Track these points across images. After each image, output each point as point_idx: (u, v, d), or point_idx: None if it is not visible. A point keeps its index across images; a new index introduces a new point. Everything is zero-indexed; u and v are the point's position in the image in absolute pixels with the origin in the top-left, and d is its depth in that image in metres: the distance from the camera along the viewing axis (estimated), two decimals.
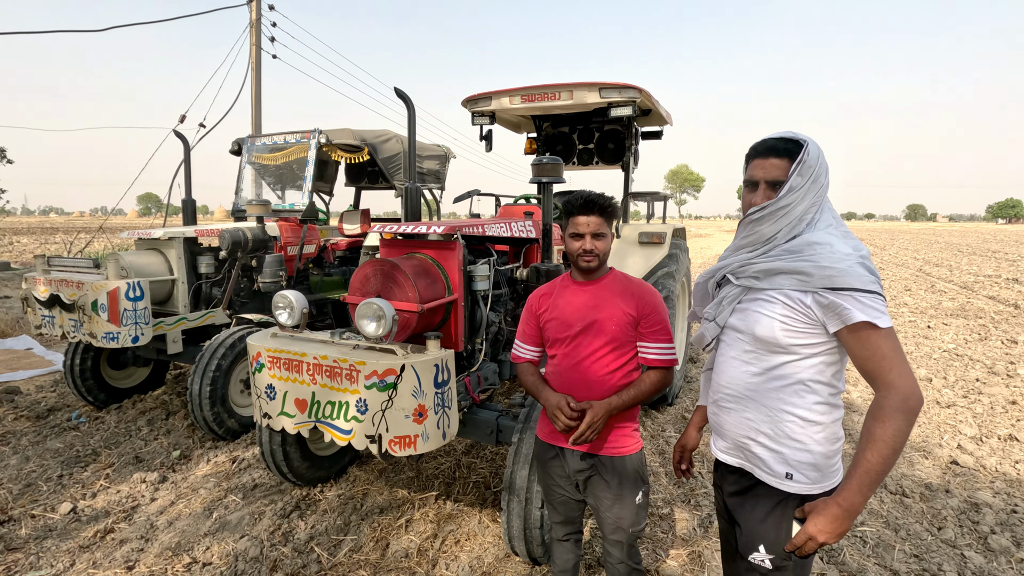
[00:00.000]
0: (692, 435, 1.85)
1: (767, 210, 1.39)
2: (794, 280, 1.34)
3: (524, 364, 1.99)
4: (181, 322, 4.13)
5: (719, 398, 1.53)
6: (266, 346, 2.37)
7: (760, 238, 1.43)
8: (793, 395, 1.38)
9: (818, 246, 1.33)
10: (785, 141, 1.39)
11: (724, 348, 1.53)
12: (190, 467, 3.57)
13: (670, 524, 2.95)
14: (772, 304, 1.37)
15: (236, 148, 5.63)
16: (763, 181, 1.41)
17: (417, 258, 2.80)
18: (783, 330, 1.35)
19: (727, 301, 1.50)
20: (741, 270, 1.46)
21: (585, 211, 1.80)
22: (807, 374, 1.37)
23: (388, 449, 2.15)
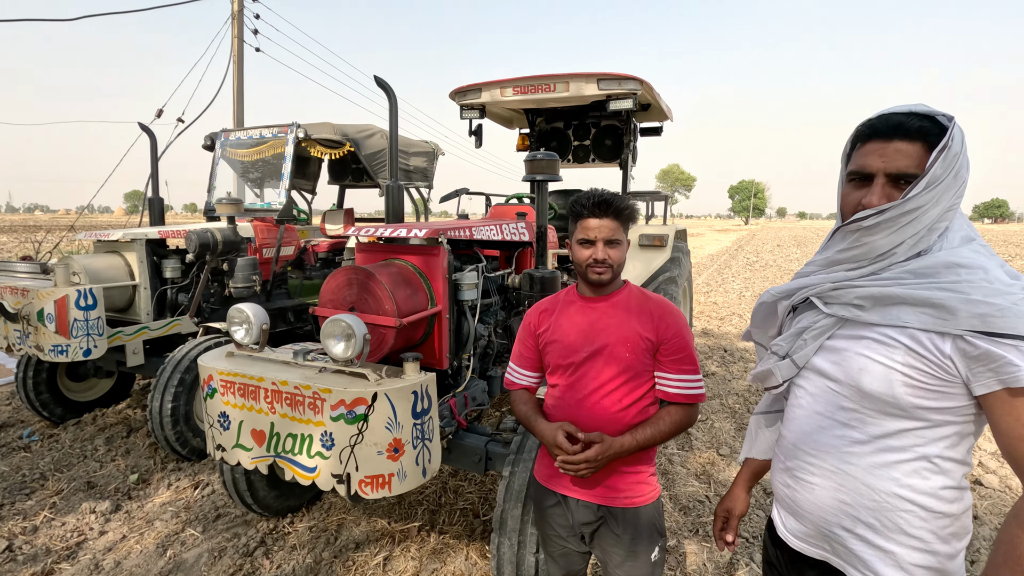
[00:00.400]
0: (740, 497, 1.46)
1: (888, 215, 0.99)
2: (926, 316, 0.96)
3: (518, 392, 1.68)
4: (142, 332, 3.78)
5: (795, 465, 1.15)
6: (218, 368, 2.05)
7: (870, 252, 1.04)
8: (913, 475, 1.00)
9: (963, 270, 0.96)
10: (919, 117, 0.99)
11: (804, 397, 1.15)
12: (148, 493, 3.24)
13: (678, 559, 2.67)
14: (889, 347, 0.99)
15: (209, 143, 5.28)
16: (882, 173, 1.01)
17: (396, 265, 2.49)
18: (906, 386, 0.97)
19: (811, 334, 1.11)
20: (836, 293, 1.08)
21: (597, 213, 1.50)
22: (935, 448, 0.99)
23: (358, 491, 1.84)
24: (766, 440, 1.41)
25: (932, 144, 0.97)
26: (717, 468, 3.62)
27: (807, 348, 1.12)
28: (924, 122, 0.98)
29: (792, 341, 1.15)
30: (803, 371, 1.15)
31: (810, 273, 1.17)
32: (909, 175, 0.98)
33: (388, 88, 3.12)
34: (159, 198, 4.75)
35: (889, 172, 1.00)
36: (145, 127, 4.80)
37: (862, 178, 1.05)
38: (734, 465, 3.65)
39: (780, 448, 1.21)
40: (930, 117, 0.98)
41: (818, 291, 1.11)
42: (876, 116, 1.04)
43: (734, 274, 15.23)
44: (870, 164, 1.02)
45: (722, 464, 3.68)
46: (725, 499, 1.48)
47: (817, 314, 1.12)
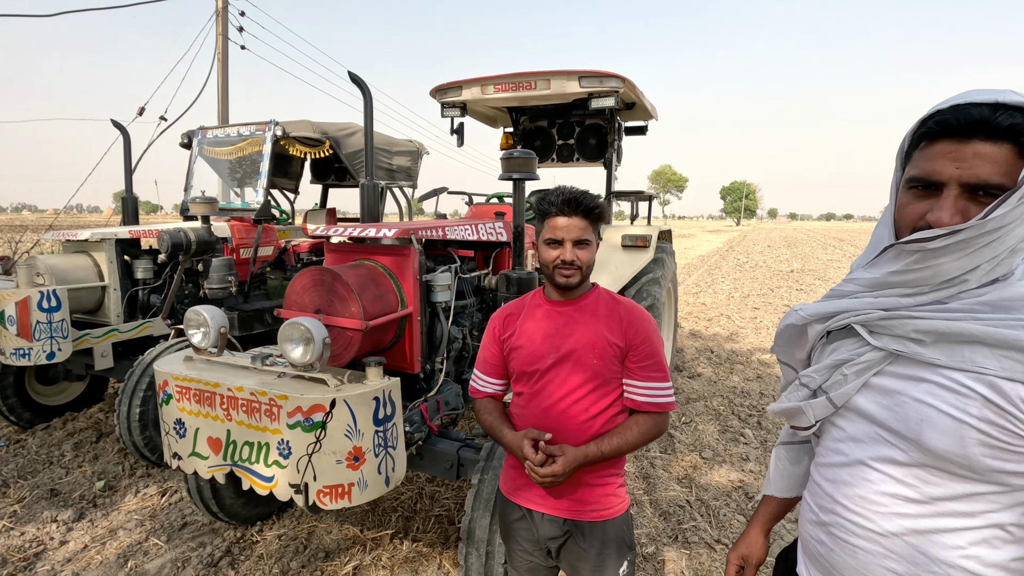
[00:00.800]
0: (758, 542, 1.27)
1: (962, 235, 0.78)
2: (1010, 362, 0.77)
3: (483, 400, 1.61)
4: (111, 334, 3.68)
5: (832, 521, 0.96)
6: (173, 373, 1.96)
7: (934, 278, 0.84)
8: (983, 544, 0.83)
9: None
10: (1008, 111, 0.76)
11: (844, 442, 0.96)
12: (114, 501, 3.14)
13: (656, 567, 2.61)
14: (962, 396, 0.81)
15: (186, 141, 5.17)
16: (956, 182, 0.80)
17: (365, 266, 2.41)
18: (984, 446, 0.79)
19: (854, 369, 0.92)
20: (888, 324, 0.88)
21: (566, 211, 1.42)
22: (1010, 515, 0.82)
23: (316, 501, 1.77)
24: (790, 476, 1.24)
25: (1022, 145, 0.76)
26: (700, 472, 3.57)
27: (847, 385, 0.93)
28: (1015, 117, 0.75)
29: (827, 374, 0.96)
30: (843, 410, 0.97)
31: (851, 294, 0.96)
32: (992, 185, 0.77)
33: (363, 85, 3.05)
34: (133, 197, 4.64)
35: (966, 182, 0.79)
36: (119, 125, 4.69)
37: (927, 186, 0.84)
38: (716, 468, 3.60)
39: (813, 496, 1.02)
40: (1022, 110, 0.76)
41: (864, 318, 0.91)
42: (948, 106, 0.81)
43: (724, 275, 15.24)
44: (940, 171, 0.81)
45: (705, 468, 3.63)
46: (740, 543, 1.28)
47: (861, 345, 0.93)
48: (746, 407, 4.73)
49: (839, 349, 0.96)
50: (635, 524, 2.95)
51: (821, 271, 16.22)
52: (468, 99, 4.04)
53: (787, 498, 1.24)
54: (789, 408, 1.03)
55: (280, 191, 6.18)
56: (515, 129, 5.10)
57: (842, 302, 0.96)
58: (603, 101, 3.73)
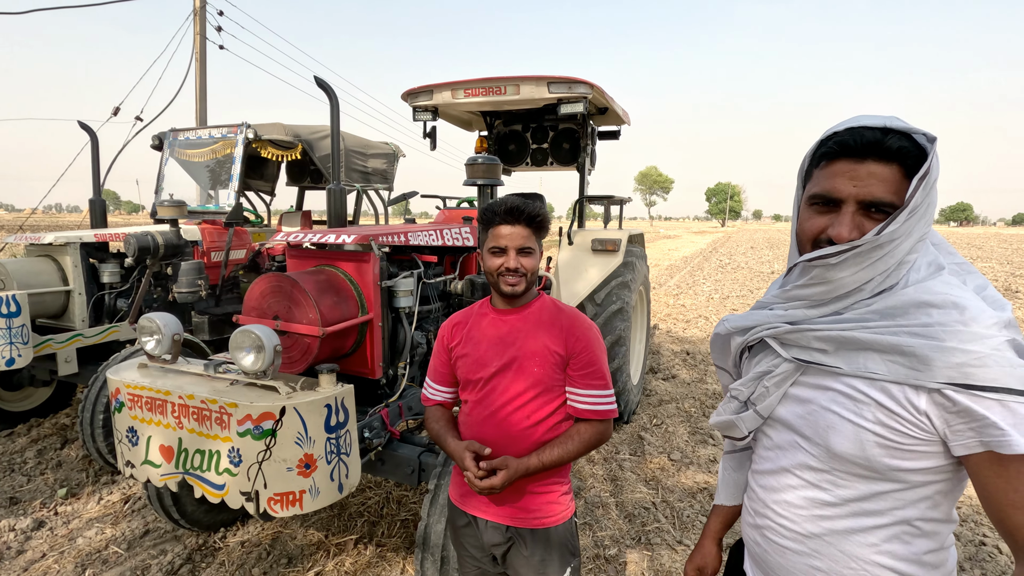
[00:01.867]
0: (712, 552, 1.30)
1: (860, 250, 0.85)
2: (897, 367, 0.83)
3: (432, 408, 1.63)
4: (75, 339, 3.63)
5: (766, 525, 1.03)
6: (125, 381, 1.95)
7: (832, 292, 0.91)
8: (893, 540, 0.88)
9: (935, 310, 0.83)
10: (896, 135, 0.84)
11: (771, 450, 1.03)
12: (76, 509, 3.10)
13: (617, 568, 2.64)
14: (858, 402, 0.87)
15: (157, 143, 5.11)
16: (853, 200, 0.87)
17: (325, 272, 2.42)
18: (881, 447, 0.85)
19: (773, 381, 0.98)
20: (794, 336, 0.95)
21: (509, 220, 1.44)
22: (916, 510, 0.87)
23: (267, 509, 1.77)
24: (735, 484, 1.28)
25: (909, 167, 0.84)
26: (667, 474, 3.61)
27: (770, 397, 1.00)
28: (903, 141, 0.84)
29: (752, 386, 1.03)
30: (770, 421, 1.03)
31: (768, 305, 1.04)
32: (884, 203, 0.85)
33: (329, 89, 3.05)
34: (101, 200, 4.58)
35: (861, 199, 0.86)
36: (86, 126, 4.62)
37: (826, 203, 0.91)
38: (684, 470, 3.65)
39: (750, 500, 1.09)
40: (907, 135, 0.84)
41: (774, 332, 0.98)
42: (845, 129, 0.88)
43: (706, 276, 15.40)
44: (839, 189, 0.88)
45: (672, 470, 3.67)
46: (695, 555, 1.31)
47: (775, 356, 0.99)
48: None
49: (760, 362, 1.02)
50: (600, 526, 2.98)
51: None
52: (439, 103, 4.06)
53: (736, 505, 1.28)
54: (725, 421, 1.08)
55: (256, 193, 6.14)
56: (489, 133, 5.12)
57: (759, 315, 1.03)
58: (572, 107, 3.76)
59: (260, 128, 4.68)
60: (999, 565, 2.68)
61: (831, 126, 0.91)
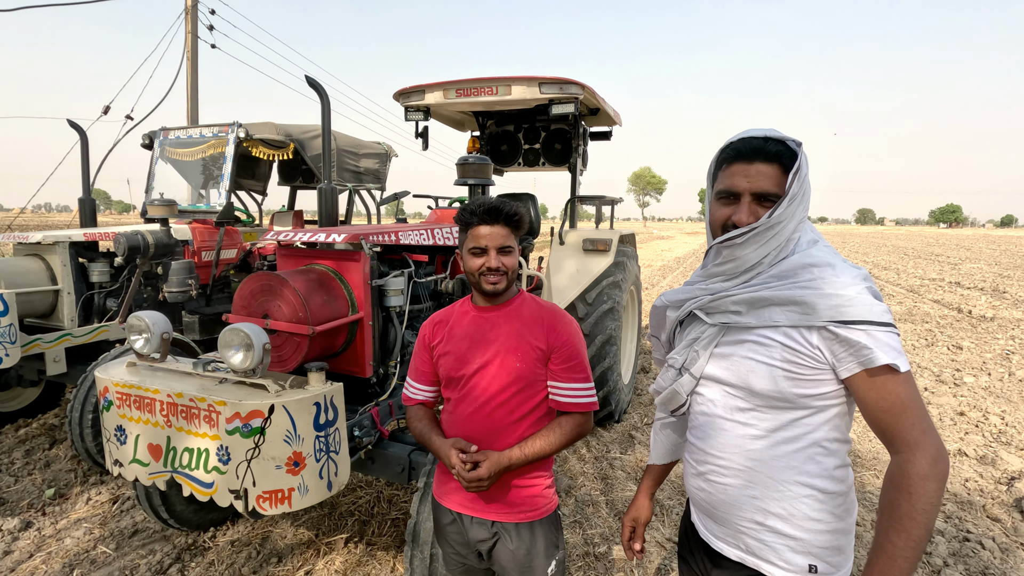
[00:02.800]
0: (644, 505, 1.50)
1: (757, 231, 1.09)
2: (792, 313, 1.06)
3: (414, 407, 1.64)
4: (64, 339, 3.61)
5: (707, 470, 1.21)
6: (114, 380, 1.95)
7: (741, 266, 1.14)
8: (809, 461, 1.09)
9: (815, 268, 1.07)
10: (774, 142, 1.10)
11: (704, 404, 1.21)
12: (64, 509, 3.08)
13: (606, 566, 2.66)
14: (768, 346, 1.09)
15: (147, 142, 5.09)
16: (748, 192, 1.11)
17: (315, 271, 2.42)
18: (788, 379, 1.07)
19: (701, 345, 1.19)
20: (715, 304, 1.17)
21: (488, 220, 1.46)
22: (822, 432, 1.08)
23: (256, 507, 1.77)
24: (663, 446, 1.48)
25: (785, 166, 1.08)
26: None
27: (700, 360, 1.19)
28: (779, 146, 1.09)
29: (685, 353, 1.22)
30: (701, 381, 1.21)
31: (695, 283, 1.25)
32: (770, 194, 1.09)
33: (320, 88, 3.05)
34: (91, 199, 4.55)
35: (754, 191, 1.10)
36: (75, 125, 4.59)
37: (729, 196, 1.14)
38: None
39: (691, 454, 1.26)
40: (782, 142, 1.09)
41: (699, 304, 1.20)
42: (737, 139, 1.13)
43: None
44: (737, 184, 1.12)
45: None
46: (631, 508, 1.51)
47: (702, 325, 1.20)
48: None
49: (690, 331, 1.24)
50: (590, 524, 3.00)
51: None
52: (431, 103, 4.07)
53: (665, 464, 1.50)
54: (666, 394, 1.27)
55: (247, 193, 6.12)
56: (482, 133, 5.13)
57: (688, 290, 1.25)
58: (563, 107, 3.78)
59: (251, 127, 4.67)
60: (982, 560, 2.72)
61: (728, 138, 1.16)
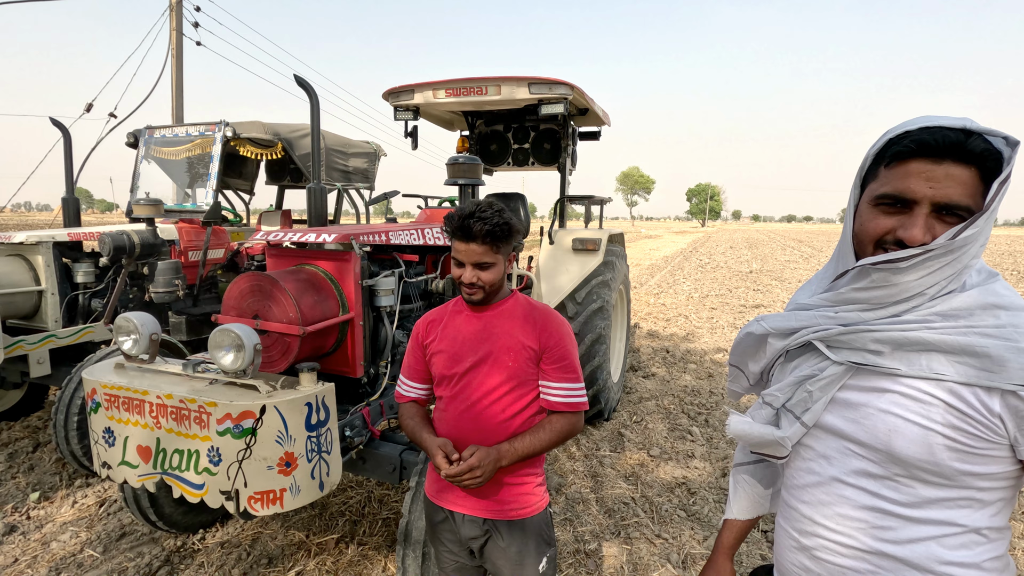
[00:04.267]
0: (726, 568, 1.23)
1: (933, 254, 0.81)
2: (967, 368, 0.81)
3: (406, 405, 1.65)
4: (48, 340, 3.56)
5: (815, 544, 0.96)
6: (101, 382, 1.94)
7: (895, 295, 0.87)
8: (960, 549, 0.85)
9: (1004, 312, 0.82)
10: (978, 138, 0.80)
11: (815, 461, 0.96)
12: (49, 512, 3.04)
13: (596, 563, 2.68)
14: (924, 404, 0.84)
15: (132, 140, 5.03)
16: (928, 202, 0.83)
17: (305, 271, 2.42)
18: (950, 450, 0.82)
19: (818, 385, 0.93)
20: (848, 338, 0.90)
21: (461, 237, 1.43)
22: (981, 518, 0.85)
23: (247, 508, 1.77)
24: (748, 497, 1.23)
25: (986, 170, 0.81)
26: (646, 469, 3.67)
27: (815, 405, 0.93)
28: (984, 144, 0.80)
29: (791, 392, 0.96)
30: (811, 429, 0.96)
31: (812, 308, 0.98)
32: (958, 207, 0.81)
33: (309, 88, 3.03)
34: (75, 198, 4.49)
35: (938, 202, 0.82)
36: (58, 123, 4.52)
37: (896, 203, 0.86)
38: (663, 466, 3.71)
39: (790, 522, 1.01)
40: (983, 136, 0.81)
41: (824, 334, 0.93)
42: (919, 128, 0.83)
43: (686, 275, 15.59)
44: (915, 189, 0.83)
45: (652, 465, 3.73)
46: (708, 572, 1.25)
47: (821, 360, 0.94)
48: (696, 405, 4.88)
49: (801, 367, 0.97)
50: (580, 521, 3.03)
51: (778, 272, 16.75)
52: (420, 103, 4.06)
53: (749, 520, 1.24)
54: (762, 439, 1.00)
55: (235, 192, 6.07)
56: (471, 133, 5.14)
57: (804, 316, 0.97)
58: (553, 107, 3.79)
59: (239, 126, 4.64)
60: None
61: (896, 125, 0.87)
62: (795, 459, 1.01)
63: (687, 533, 2.94)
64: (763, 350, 1.06)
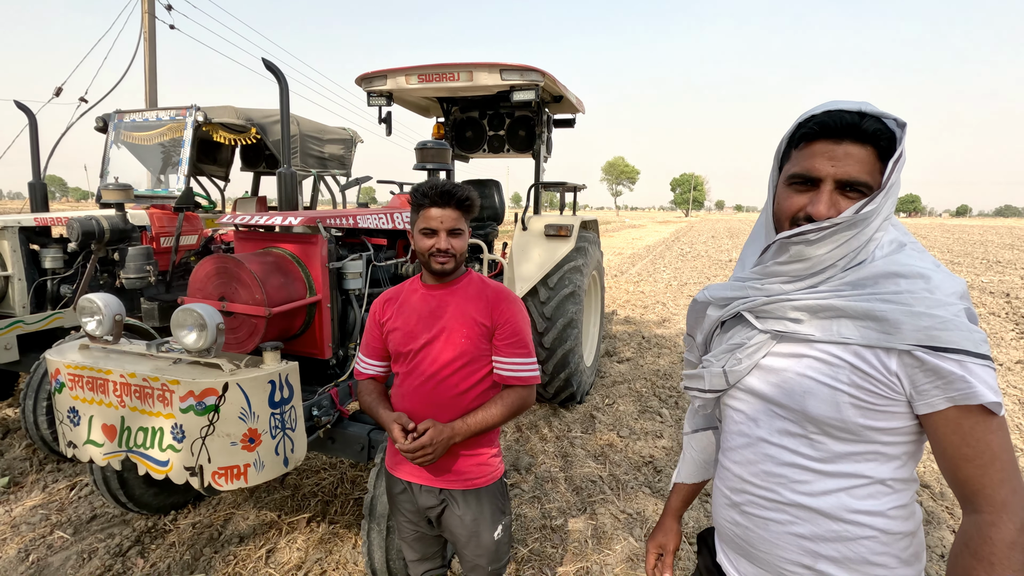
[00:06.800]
0: (672, 528, 1.33)
1: (838, 227, 0.89)
2: (868, 331, 0.88)
3: (364, 381, 1.70)
4: (16, 326, 3.53)
5: (744, 500, 1.04)
6: (65, 362, 1.95)
7: (811, 267, 0.94)
8: (868, 499, 0.93)
9: (903, 279, 0.88)
10: (871, 119, 0.88)
11: (744, 423, 1.05)
12: (19, 497, 3.05)
13: (562, 537, 2.77)
14: (833, 366, 0.91)
15: (101, 125, 4.95)
16: (831, 179, 0.91)
17: (272, 254, 2.44)
18: (855, 407, 0.90)
19: (746, 352, 1.01)
20: (770, 308, 0.98)
21: (439, 203, 1.51)
22: (887, 469, 0.92)
23: (212, 482, 1.81)
24: (695, 462, 1.32)
25: (882, 149, 0.89)
26: (615, 449, 3.77)
27: (741, 366, 1.02)
28: (877, 124, 0.88)
29: (725, 358, 1.05)
30: (736, 391, 1.06)
31: (747, 280, 1.06)
32: (859, 183, 0.90)
33: (278, 72, 3.03)
34: (42, 183, 4.42)
35: (839, 178, 0.90)
36: (23, 107, 4.44)
37: (804, 182, 0.94)
38: (631, 445, 3.82)
39: (724, 481, 1.10)
40: (880, 119, 0.89)
41: (750, 305, 1.01)
42: (822, 112, 0.92)
43: (667, 264, 15.78)
44: (819, 168, 0.91)
45: (620, 445, 3.83)
46: (657, 532, 1.34)
47: (749, 329, 1.02)
48: (667, 388, 5.00)
49: (733, 335, 1.05)
50: (548, 499, 3.11)
51: None
52: (393, 88, 4.06)
53: (695, 484, 1.34)
54: (692, 373, 1.12)
55: (209, 179, 6.01)
56: (446, 119, 5.15)
57: (737, 287, 1.06)
58: (524, 94, 3.83)
59: (211, 111, 4.59)
60: None
61: (807, 110, 0.95)
62: (728, 424, 1.10)
63: (651, 508, 3.04)
64: (702, 318, 1.15)
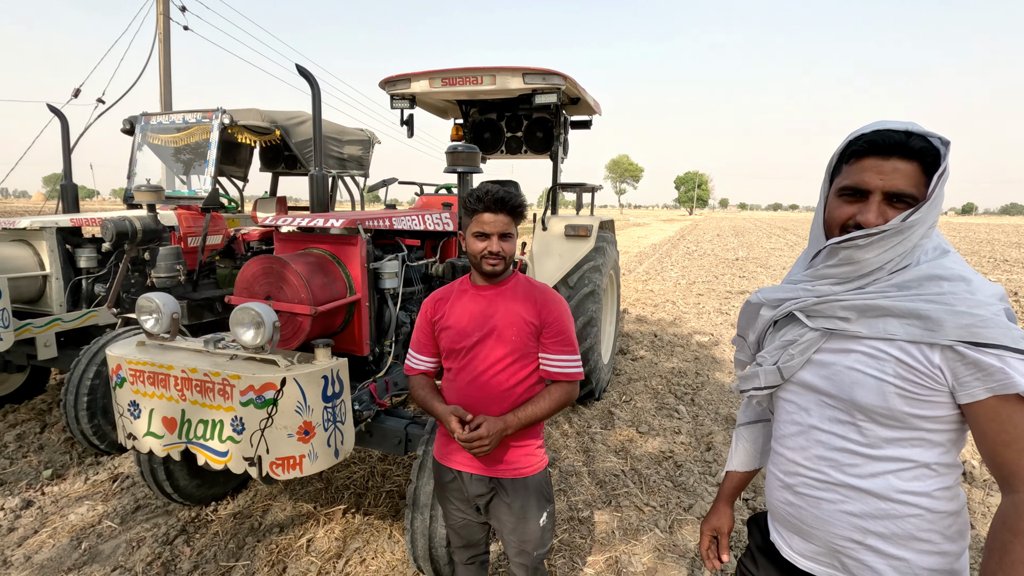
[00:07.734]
0: (726, 513, 1.43)
1: (885, 234, 1.00)
2: (913, 328, 0.99)
3: (416, 376, 1.80)
4: (54, 324, 3.65)
5: (797, 482, 1.15)
6: (127, 357, 2.06)
7: (859, 270, 1.05)
8: (914, 480, 1.03)
9: (945, 282, 0.99)
10: (917, 138, 0.99)
11: (796, 413, 1.16)
12: (63, 489, 3.16)
13: (589, 528, 2.87)
14: (879, 360, 1.02)
15: (128, 127, 5.06)
16: (880, 191, 1.01)
17: (314, 255, 2.54)
18: (901, 397, 1.00)
19: (798, 348, 1.12)
20: (820, 307, 1.09)
21: (494, 209, 1.61)
22: (932, 454, 1.02)
23: (269, 472, 1.91)
24: (747, 452, 1.43)
25: (927, 165, 0.99)
26: (635, 444, 3.86)
27: (794, 362, 1.13)
28: (922, 143, 0.99)
29: (778, 355, 1.16)
30: (790, 385, 1.17)
31: (798, 282, 1.16)
32: (905, 195, 1.00)
33: (310, 77, 3.13)
34: (72, 184, 4.53)
35: (887, 191, 1.01)
36: (55, 109, 4.55)
37: (855, 193, 1.05)
38: (650, 441, 3.91)
39: (777, 466, 1.21)
40: (925, 138, 0.99)
41: (802, 305, 1.12)
42: (872, 131, 1.03)
43: (673, 263, 15.84)
44: (868, 181, 1.02)
45: (640, 441, 3.93)
46: (711, 516, 1.45)
47: (802, 328, 1.13)
48: (682, 386, 5.08)
49: (786, 333, 1.16)
50: (574, 492, 3.21)
51: (763, 259, 17.06)
52: (417, 92, 4.16)
53: (747, 472, 1.43)
54: (747, 374, 1.22)
55: (228, 179, 6.12)
56: (465, 121, 5.24)
57: (789, 288, 1.17)
58: (546, 97, 3.91)
59: (236, 113, 4.70)
60: None
61: (856, 128, 1.07)
62: (780, 414, 1.21)
63: (673, 501, 3.13)
64: (756, 318, 1.25)
